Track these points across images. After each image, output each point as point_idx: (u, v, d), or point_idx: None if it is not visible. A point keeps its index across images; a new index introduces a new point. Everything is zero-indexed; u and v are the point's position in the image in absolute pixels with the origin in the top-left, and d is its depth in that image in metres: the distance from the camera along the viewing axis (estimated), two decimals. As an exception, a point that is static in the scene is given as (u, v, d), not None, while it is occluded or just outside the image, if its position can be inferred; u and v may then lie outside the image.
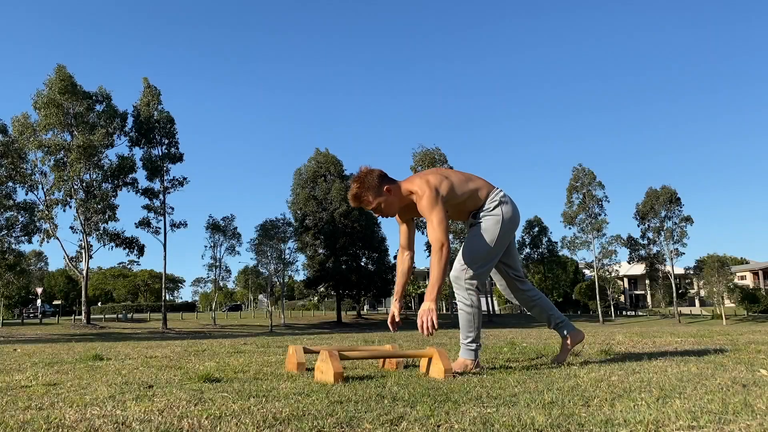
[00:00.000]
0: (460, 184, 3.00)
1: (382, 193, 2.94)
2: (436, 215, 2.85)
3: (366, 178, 2.94)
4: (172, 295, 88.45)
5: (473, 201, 3.04)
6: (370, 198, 2.93)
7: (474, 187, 3.04)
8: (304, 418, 1.70)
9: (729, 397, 1.92)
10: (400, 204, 3.00)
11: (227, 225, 47.20)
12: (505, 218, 3.01)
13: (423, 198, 2.89)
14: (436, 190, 2.90)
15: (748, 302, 56.99)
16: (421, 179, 2.94)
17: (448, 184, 2.95)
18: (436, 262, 2.82)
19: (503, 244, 3.03)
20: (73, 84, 37.61)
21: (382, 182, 2.94)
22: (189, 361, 3.68)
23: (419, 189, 2.91)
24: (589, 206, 53.49)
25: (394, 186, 2.97)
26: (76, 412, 1.81)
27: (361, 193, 2.93)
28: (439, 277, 2.81)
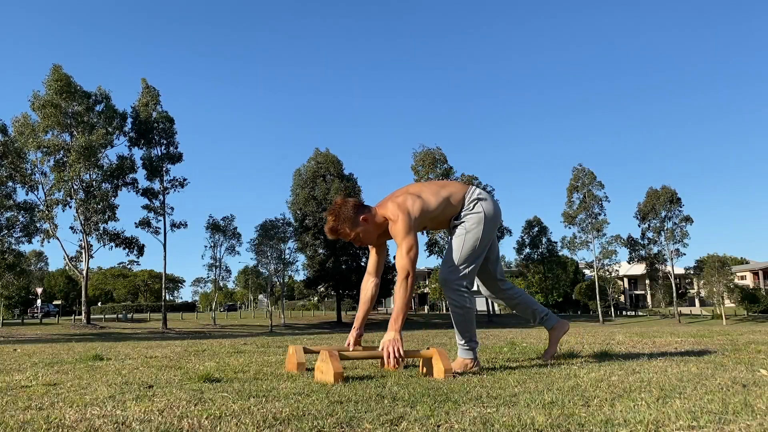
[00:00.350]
0: (433, 197, 2.98)
1: (359, 224, 2.91)
2: (406, 243, 2.82)
3: (341, 210, 2.91)
4: (172, 295, 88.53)
5: (451, 208, 3.02)
6: (347, 230, 2.91)
7: (447, 194, 3.02)
8: (304, 418, 1.70)
9: (729, 397, 1.92)
10: (378, 231, 2.98)
11: (227, 225, 47.23)
12: (487, 215, 3.00)
13: (396, 223, 2.87)
14: (409, 214, 2.88)
15: (748, 302, 56.99)
16: (393, 203, 2.92)
17: (420, 204, 2.93)
18: (400, 291, 2.79)
19: (487, 241, 3.01)
20: (70, 84, 37.58)
21: (357, 212, 2.91)
22: (189, 361, 3.68)
23: (392, 214, 2.90)
24: (589, 206, 53.49)
25: (369, 215, 2.94)
26: (76, 412, 1.81)
27: (337, 225, 2.91)
28: (403, 307, 2.79)
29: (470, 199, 3.02)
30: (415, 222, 2.88)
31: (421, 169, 51.89)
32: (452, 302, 2.98)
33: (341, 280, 50.69)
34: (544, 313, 3.28)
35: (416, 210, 2.90)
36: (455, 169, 52.44)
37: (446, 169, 51.86)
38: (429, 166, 51.60)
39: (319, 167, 52.77)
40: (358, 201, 2.98)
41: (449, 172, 52.05)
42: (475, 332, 3.04)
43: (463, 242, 2.96)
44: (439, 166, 51.80)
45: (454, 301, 2.96)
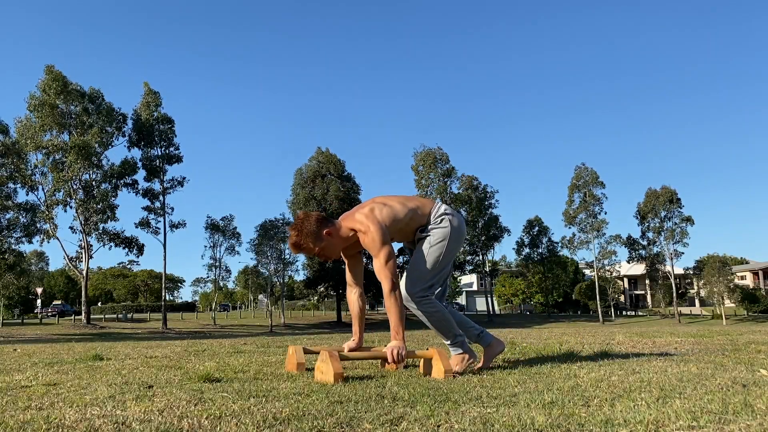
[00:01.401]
0: (400, 208, 2.94)
1: (322, 238, 2.86)
2: (383, 253, 2.78)
3: (303, 224, 2.85)
4: (172, 295, 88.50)
5: (416, 220, 2.96)
6: (310, 244, 2.85)
7: (414, 206, 2.98)
8: (304, 418, 1.70)
9: (729, 397, 1.92)
10: (343, 244, 2.94)
11: (227, 225, 47.23)
12: (453, 231, 2.95)
13: (368, 234, 2.81)
14: (380, 224, 2.83)
15: (748, 302, 56.98)
16: (361, 214, 2.87)
17: (389, 212, 2.89)
18: (392, 305, 2.76)
19: (451, 256, 2.97)
20: (65, 84, 37.55)
21: (320, 226, 2.86)
22: (189, 361, 3.68)
23: (361, 225, 2.84)
24: (589, 205, 53.48)
25: (333, 228, 2.89)
26: (76, 412, 1.81)
27: (299, 240, 2.85)
28: (399, 319, 2.76)
29: (437, 214, 2.98)
30: (387, 231, 2.84)
31: (422, 169, 51.86)
32: (422, 313, 2.94)
33: (341, 280, 50.63)
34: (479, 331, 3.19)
35: (385, 218, 2.86)
36: (456, 169, 52.53)
37: (448, 169, 51.84)
38: (430, 165, 51.57)
39: (320, 167, 52.75)
40: (321, 215, 2.93)
41: (451, 172, 52.03)
42: (456, 327, 3.01)
43: (426, 255, 2.91)
44: (441, 165, 51.76)
45: (423, 311, 2.92)
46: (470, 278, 70.45)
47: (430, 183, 51.77)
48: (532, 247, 60.99)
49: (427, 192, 51.78)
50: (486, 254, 55.05)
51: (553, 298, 64.45)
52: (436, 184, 51.66)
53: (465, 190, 52.46)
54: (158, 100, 42.54)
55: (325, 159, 53.14)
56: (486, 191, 53.85)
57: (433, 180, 51.73)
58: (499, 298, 67.28)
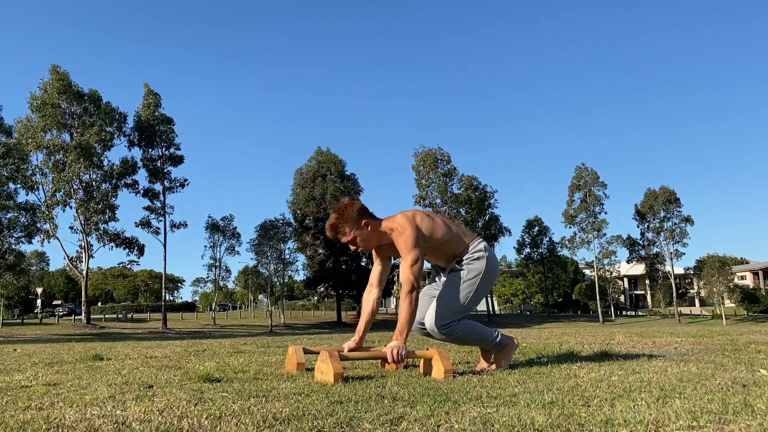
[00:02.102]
0: (442, 225, 2.96)
1: (360, 227, 2.89)
2: (412, 255, 2.80)
3: (346, 209, 2.90)
4: (172, 295, 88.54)
5: (453, 246, 2.98)
6: (347, 229, 2.89)
7: (456, 231, 3.00)
8: (304, 418, 1.70)
9: (729, 397, 1.92)
10: (378, 241, 2.95)
11: (227, 225, 47.22)
12: (488, 268, 2.97)
13: (402, 234, 2.84)
14: (418, 228, 2.85)
15: (748, 302, 56.95)
16: (403, 216, 2.90)
17: (430, 223, 2.92)
18: (405, 306, 2.77)
19: (482, 294, 2.99)
20: (69, 84, 37.61)
21: (361, 216, 2.90)
22: (189, 361, 3.68)
23: (399, 225, 2.86)
24: (590, 205, 53.46)
25: (373, 222, 2.92)
26: (76, 412, 1.81)
27: (338, 223, 2.90)
28: (408, 321, 2.77)
29: (475, 249, 2.99)
30: (422, 238, 2.85)
31: (422, 169, 51.84)
32: (451, 340, 2.95)
33: (341, 280, 50.69)
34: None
35: (425, 227, 2.89)
36: (457, 169, 52.49)
37: (449, 169, 51.81)
38: (430, 165, 51.54)
39: (320, 166, 52.72)
40: (364, 206, 2.97)
41: (452, 173, 51.99)
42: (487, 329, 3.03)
43: (458, 290, 2.93)
44: (442, 166, 51.73)
45: (452, 339, 2.93)
46: (470, 278, 70.26)
47: (431, 183, 51.75)
48: (532, 247, 60.99)
49: (428, 192, 51.79)
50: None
51: (553, 298, 64.44)
52: (437, 184, 51.66)
53: (465, 190, 52.45)
54: (158, 101, 42.55)
55: (326, 159, 53.11)
56: (486, 191, 53.84)
57: (434, 180, 51.73)
58: (499, 298, 67.24)
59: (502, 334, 3.11)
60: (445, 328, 2.90)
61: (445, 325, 2.90)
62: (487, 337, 3.01)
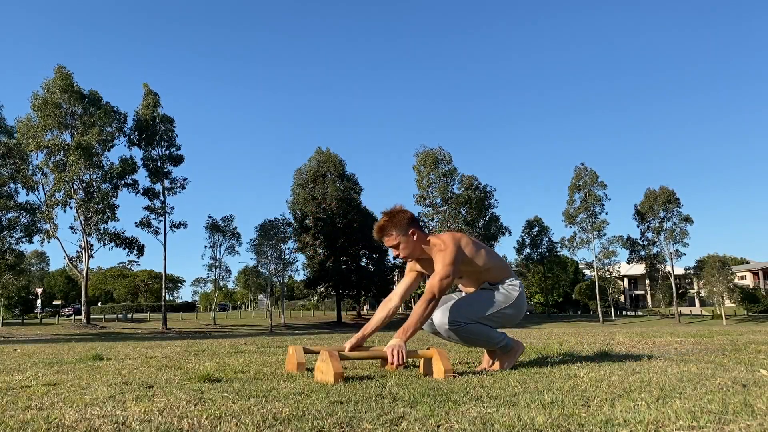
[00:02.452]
0: (485, 254, 2.99)
1: (407, 235, 2.93)
2: (446, 270, 2.82)
3: (397, 214, 2.95)
4: (172, 295, 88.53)
5: (491, 275, 3.01)
6: (394, 233, 2.93)
7: (497, 264, 3.03)
8: (304, 418, 1.70)
9: (729, 397, 1.92)
10: (420, 253, 2.98)
11: (227, 225, 47.22)
12: (518, 299, 3.01)
13: (444, 251, 2.87)
14: (461, 249, 2.89)
15: (748, 302, 56.96)
16: (450, 235, 2.95)
17: (473, 249, 2.95)
18: (420, 310, 2.78)
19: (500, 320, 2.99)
20: (71, 84, 37.64)
21: (410, 224, 2.94)
22: (189, 361, 3.68)
23: (444, 242, 2.90)
24: (590, 206, 53.46)
25: (420, 233, 2.96)
26: (76, 412, 1.81)
27: (387, 225, 2.94)
28: (417, 323, 2.78)
29: (512, 282, 3.03)
30: (461, 260, 2.87)
31: (423, 169, 51.85)
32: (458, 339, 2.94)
33: (341, 280, 50.69)
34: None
35: (469, 251, 2.92)
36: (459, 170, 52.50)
37: (450, 169, 51.81)
38: (431, 165, 51.53)
39: (320, 166, 52.72)
40: (416, 217, 3.01)
41: (453, 173, 51.99)
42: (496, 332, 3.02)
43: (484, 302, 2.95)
44: (442, 166, 51.72)
45: (459, 337, 2.93)
46: (470, 278, 70.31)
47: (431, 183, 51.76)
48: (532, 247, 61.00)
49: (428, 192, 51.80)
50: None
51: (553, 298, 64.48)
52: (437, 184, 51.66)
53: (465, 190, 52.45)
54: (158, 100, 42.55)
55: (326, 159, 53.10)
56: (486, 191, 53.85)
57: (434, 180, 51.73)
58: (499, 298, 67.10)
59: (510, 338, 3.11)
60: (454, 326, 2.91)
61: (456, 323, 2.90)
62: (494, 339, 3.01)
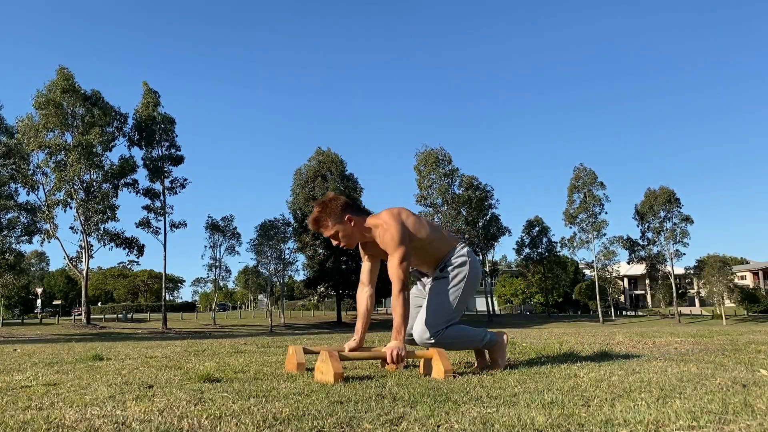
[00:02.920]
0: (428, 226, 2.93)
1: (343, 222, 2.87)
2: (399, 252, 2.76)
3: (330, 203, 2.88)
4: (172, 295, 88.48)
5: (437, 248, 2.95)
6: (330, 223, 2.87)
7: (440, 234, 2.98)
8: (304, 418, 1.70)
9: (729, 397, 1.92)
10: (361, 237, 2.93)
11: (227, 225, 47.21)
12: (471, 273, 2.97)
13: (387, 232, 2.80)
14: (404, 225, 2.82)
15: (748, 302, 56.97)
16: (388, 213, 2.87)
17: (415, 221, 2.88)
18: (398, 305, 2.75)
19: (467, 299, 2.98)
20: (73, 85, 37.66)
21: (345, 210, 2.88)
22: (189, 361, 3.68)
23: (385, 222, 2.83)
24: (589, 206, 53.46)
25: (357, 217, 2.89)
26: (76, 412, 1.81)
27: (321, 216, 2.87)
28: (403, 320, 2.75)
29: (459, 254, 2.98)
30: (408, 235, 2.81)
31: (424, 169, 51.83)
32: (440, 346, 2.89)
33: (341, 280, 50.66)
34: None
35: (410, 224, 2.85)
36: (459, 170, 52.49)
37: (451, 169, 51.79)
38: (431, 166, 51.52)
39: (320, 166, 52.68)
40: (350, 201, 2.95)
41: (454, 173, 51.97)
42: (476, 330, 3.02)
43: (444, 298, 2.91)
44: (443, 166, 51.71)
45: (441, 345, 2.89)
46: (470, 278, 70.30)
47: (432, 183, 51.76)
48: (532, 247, 60.97)
49: (429, 192, 51.79)
50: (486, 254, 55.04)
51: (553, 298, 64.43)
52: (438, 184, 51.66)
53: (465, 190, 52.46)
54: (157, 99, 42.53)
55: (326, 159, 53.06)
56: (486, 191, 53.85)
57: (435, 180, 51.73)
58: (499, 298, 67.25)
59: (491, 332, 3.09)
60: (434, 337, 2.89)
61: (434, 333, 2.89)
62: (476, 337, 2.99)
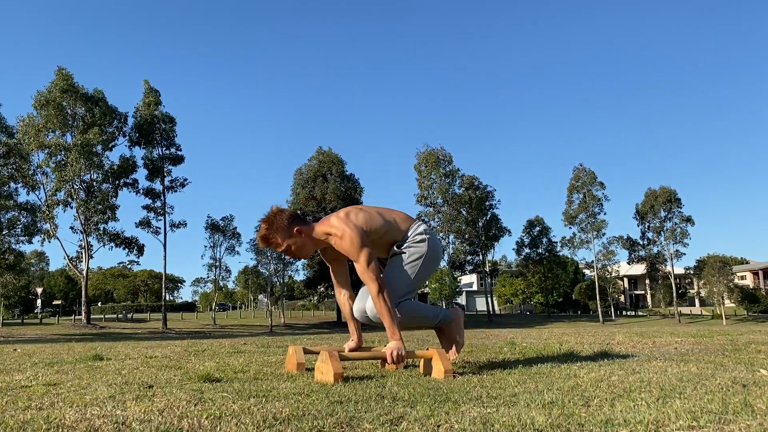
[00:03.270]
0: (378, 217, 2.87)
1: (293, 235, 2.81)
2: (364, 255, 2.71)
3: (275, 218, 2.81)
4: (172, 295, 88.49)
5: (392, 234, 2.90)
6: (279, 239, 2.80)
7: (392, 218, 2.92)
8: (304, 418, 1.70)
9: (729, 397, 1.92)
10: (314, 246, 2.88)
11: (226, 225, 47.21)
12: (430, 250, 2.90)
13: (344, 238, 2.74)
14: (357, 227, 2.76)
15: (748, 302, 56.97)
16: (337, 218, 2.81)
17: (366, 216, 2.83)
18: (382, 307, 2.70)
19: (425, 277, 2.92)
20: (73, 85, 37.66)
21: (292, 223, 2.81)
22: (189, 361, 3.68)
23: (336, 229, 2.77)
24: (589, 206, 53.45)
25: (306, 227, 2.84)
26: (76, 412, 1.81)
27: (269, 234, 2.80)
28: (392, 320, 2.71)
29: (415, 232, 2.92)
30: (364, 234, 2.77)
31: (424, 169, 51.82)
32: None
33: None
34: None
35: (362, 222, 2.80)
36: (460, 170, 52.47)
37: (451, 169, 51.78)
38: (432, 165, 51.52)
39: (320, 166, 52.64)
40: (295, 212, 2.88)
41: (454, 173, 51.96)
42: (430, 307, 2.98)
43: (399, 273, 2.85)
44: (444, 166, 51.69)
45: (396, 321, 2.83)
46: (470, 278, 70.44)
47: (432, 183, 51.76)
48: (532, 247, 60.96)
49: (429, 192, 51.78)
50: (486, 254, 55.05)
51: (553, 298, 64.40)
52: (438, 184, 51.65)
53: (466, 190, 52.45)
54: (158, 98, 42.52)
55: (326, 159, 53.02)
56: (486, 191, 53.84)
57: (435, 180, 51.72)
58: (499, 298, 67.22)
59: (445, 309, 3.06)
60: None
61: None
62: (430, 315, 2.95)
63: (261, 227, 2.84)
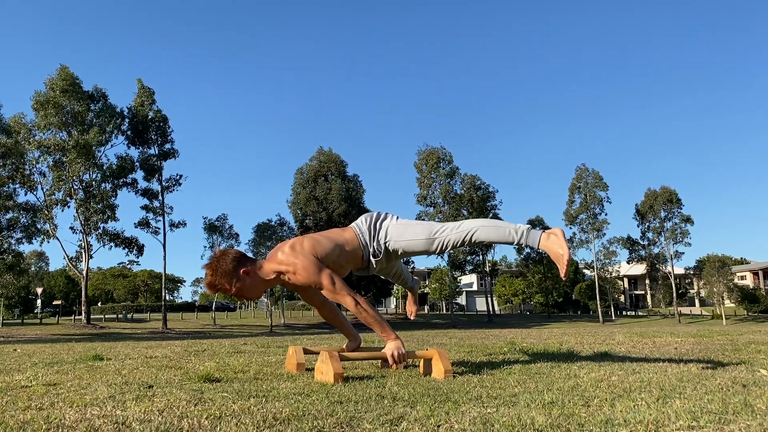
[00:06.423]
0: (326, 240, 2.76)
1: (240, 277, 2.68)
2: (326, 279, 2.62)
3: (219, 263, 2.68)
4: (172, 295, 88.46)
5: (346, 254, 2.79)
6: (226, 284, 2.68)
7: (340, 241, 2.81)
8: (304, 418, 1.70)
9: (729, 397, 1.92)
10: (265, 285, 2.75)
11: (222, 224, 47.15)
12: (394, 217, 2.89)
13: (298, 272, 2.64)
14: (306, 254, 2.66)
15: (748, 302, 57.00)
16: (283, 253, 2.69)
17: (311, 243, 2.71)
18: (366, 316, 2.68)
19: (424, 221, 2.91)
20: (74, 84, 37.64)
21: (237, 265, 2.68)
22: (189, 361, 3.68)
23: (288, 266, 2.66)
24: (590, 206, 53.46)
25: (252, 267, 2.71)
26: (76, 412, 1.81)
27: (215, 280, 2.68)
28: (380, 322, 2.69)
29: (364, 226, 2.85)
30: (316, 258, 2.66)
31: (425, 168, 51.84)
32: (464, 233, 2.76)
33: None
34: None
35: (308, 249, 2.68)
36: (460, 169, 52.48)
37: (451, 169, 51.78)
38: (433, 165, 51.52)
39: (321, 166, 52.62)
40: (240, 253, 2.76)
41: (454, 173, 51.97)
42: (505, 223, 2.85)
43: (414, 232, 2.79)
44: (444, 165, 51.70)
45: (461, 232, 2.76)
46: (470, 278, 70.46)
47: (433, 182, 51.78)
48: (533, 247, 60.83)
49: (430, 191, 51.79)
50: (486, 254, 55.06)
51: (553, 298, 64.41)
52: (439, 183, 51.67)
53: (467, 190, 52.46)
54: (152, 97, 42.45)
55: (327, 158, 53.00)
56: (488, 192, 53.84)
57: (436, 180, 51.74)
58: (499, 298, 67.21)
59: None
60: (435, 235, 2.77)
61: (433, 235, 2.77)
62: (511, 227, 2.79)
63: (206, 274, 2.71)
